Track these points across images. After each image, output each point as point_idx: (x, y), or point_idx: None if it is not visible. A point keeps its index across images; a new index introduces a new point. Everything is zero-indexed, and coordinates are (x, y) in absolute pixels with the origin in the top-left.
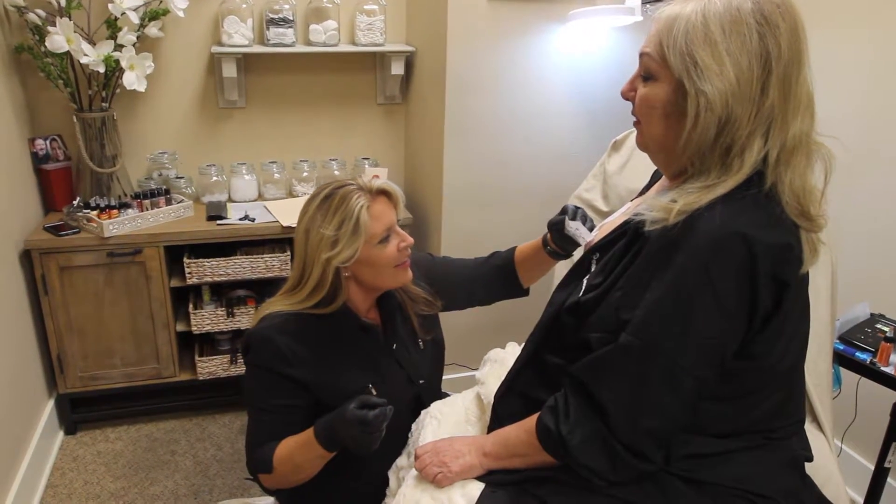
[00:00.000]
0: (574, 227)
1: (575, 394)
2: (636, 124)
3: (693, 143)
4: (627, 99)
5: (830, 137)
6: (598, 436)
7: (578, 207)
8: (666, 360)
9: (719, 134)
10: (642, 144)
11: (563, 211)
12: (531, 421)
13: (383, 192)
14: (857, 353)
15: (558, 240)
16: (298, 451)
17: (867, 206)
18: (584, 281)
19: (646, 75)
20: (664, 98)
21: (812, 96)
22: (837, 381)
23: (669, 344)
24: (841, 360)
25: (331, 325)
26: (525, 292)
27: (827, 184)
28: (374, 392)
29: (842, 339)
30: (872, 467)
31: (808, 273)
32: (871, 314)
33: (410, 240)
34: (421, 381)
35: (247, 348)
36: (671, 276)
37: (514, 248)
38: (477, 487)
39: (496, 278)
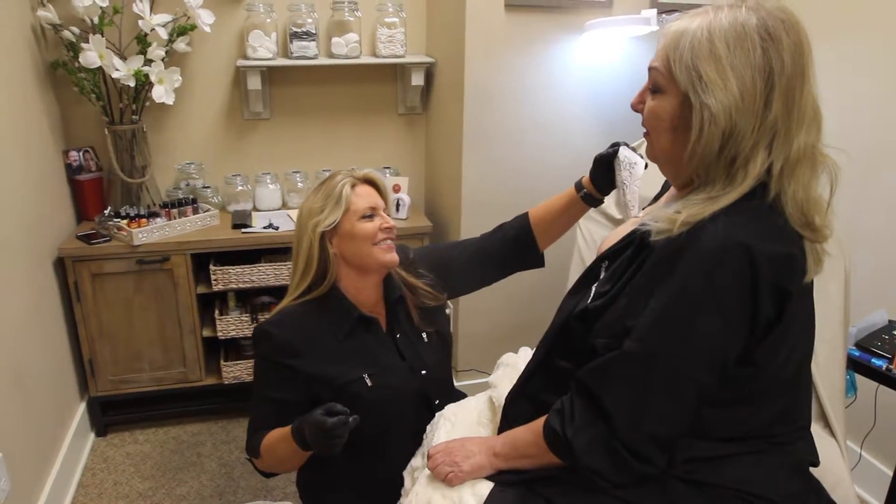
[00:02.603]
0: (629, 157)
1: (580, 397)
2: (646, 136)
3: (698, 155)
4: (637, 111)
5: (837, 149)
6: (601, 439)
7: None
8: (668, 366)
9: (723, 146)
10: (651, 156)
11: (614, 146)
12: (539, 423)
13: (369, 181)
14: (874, 360)
15: (600, 176)
16: (279, 444)
17: (886, 213)
18: (593, 288)
19: (654, 88)
20: (671, 111)
21: (818, 109)
22: (852, 387)
23: (672, 351)
24: (857, 366)
25: (330, 317)
26: (541, 260)
27: (833, 195)
28: (369, 383)
29: (858, 345)
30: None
31: (812, 282)
32: (890, 321)
33: (392, 223)
34: (423, 372)
35: (254, 342)
36: (674, 284)
37: (525, 214)
38: (486, 487)
39: (510, 249)
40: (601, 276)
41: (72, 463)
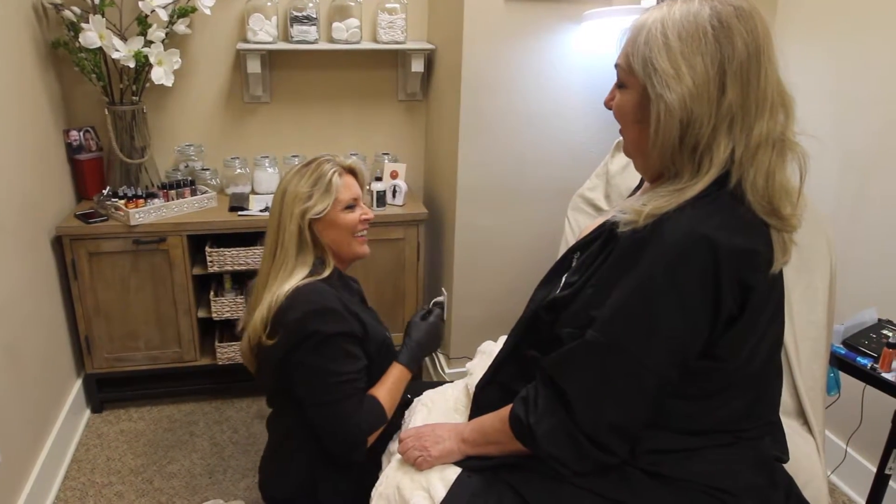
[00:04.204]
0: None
1: (544, 386)
2: (620, 131)
3: (658, 146)
4: (609, 108)
5: (810, 136)
6: (562, 427)
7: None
8: (628, 357)
9: (683, 135)
10: (625, 150)
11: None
12: (506, 411)
13: (352, 170)
14: (858, 359)
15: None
16: (395, 391)
17: (881, 211)
18: (563, 278)
19: (619, 84)
20: (633, 105)
21: (784, 94)
22: (836, 384)
23: (632, 342)
24: (842, 364)
25: (340, 290)
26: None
27: (802, 183)
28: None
29: (845, 343)
30: None
31: (781, 274)
32: (879, 319)
33: (371, 214)
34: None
35: (310, 332)
36: (637, 276)
37: None
38: (454, 472)
39: None
40: (572, 267)
41: (66, 438)
